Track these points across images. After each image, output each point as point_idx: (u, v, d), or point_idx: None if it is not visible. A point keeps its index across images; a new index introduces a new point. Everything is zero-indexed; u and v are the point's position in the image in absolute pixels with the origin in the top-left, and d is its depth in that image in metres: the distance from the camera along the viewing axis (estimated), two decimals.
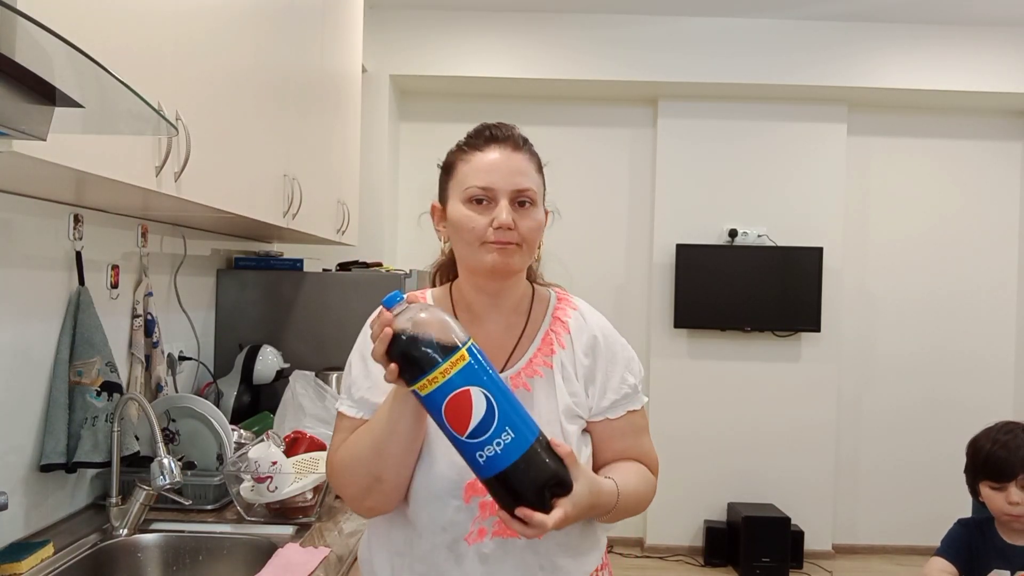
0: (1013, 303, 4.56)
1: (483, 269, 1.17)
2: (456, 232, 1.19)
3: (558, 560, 1.20)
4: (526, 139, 1.29)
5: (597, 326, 1.31)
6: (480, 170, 1.18)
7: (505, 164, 1.19)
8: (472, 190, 1.17)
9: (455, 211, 1.19)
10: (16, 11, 0.73)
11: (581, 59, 4.14)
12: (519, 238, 1.17)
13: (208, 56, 1.65)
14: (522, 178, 1.20)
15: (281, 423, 2.37)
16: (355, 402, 1.22)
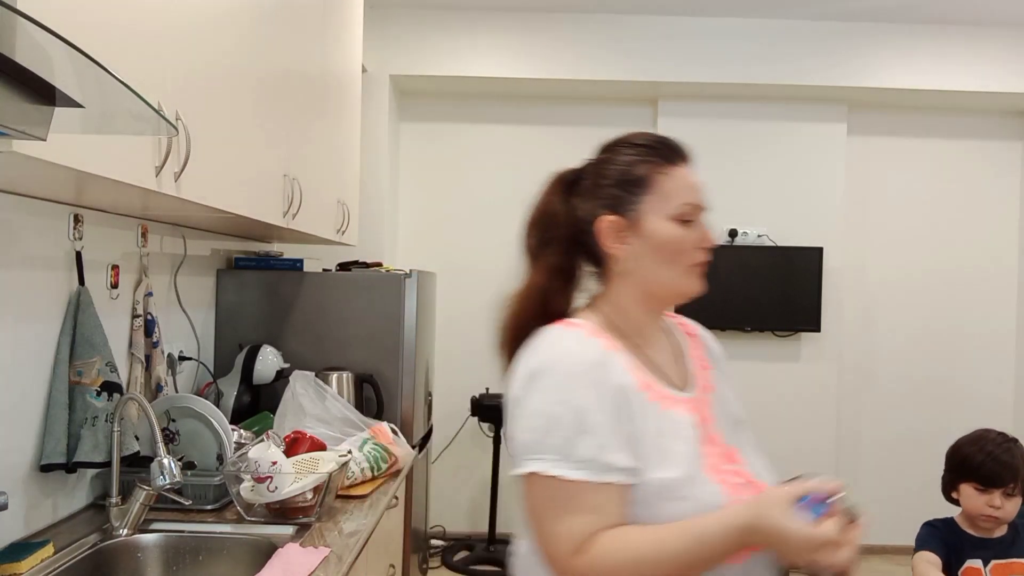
0: (1013, 303, 4.56)
1: (684, 293, 1.13)
2: (659, 252, 1.11)
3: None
4: None
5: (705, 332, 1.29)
6: (690, 187, 1.14)
7: (699, 183, 1.16)
8: (686, 208, 1.12)
9: (661, 229, 1.11)
10: (16, 11, 0.73)
11: (581, 59, 4.14)
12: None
13: (208, 56, 1.65)
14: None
15: (281, 423, 2.37)
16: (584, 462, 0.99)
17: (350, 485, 2.09)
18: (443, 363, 4.42)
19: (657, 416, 1.06)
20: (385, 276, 2.82)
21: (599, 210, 1.14)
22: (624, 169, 1.14)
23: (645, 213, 1.12)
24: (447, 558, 4.06)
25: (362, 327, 2.79)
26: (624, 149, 1.16)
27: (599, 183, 1.16)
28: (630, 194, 1.13)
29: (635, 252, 1.12)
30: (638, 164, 1.14)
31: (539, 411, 1.03)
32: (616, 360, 1.07)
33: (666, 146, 1.15)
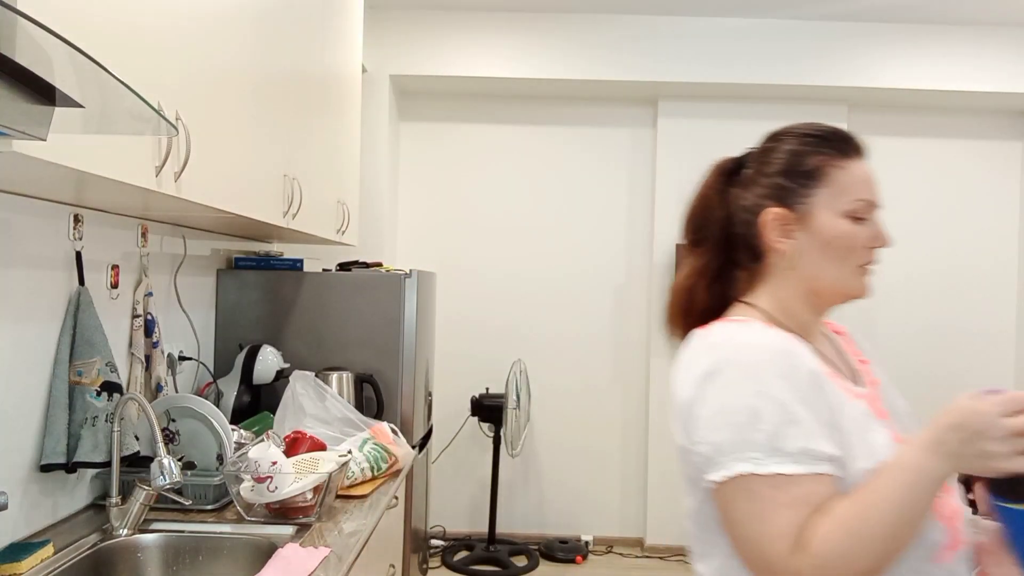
0: (1013, 302, 4.56)
1: (850, 293, 1.07)
2: (828, 248, 1.04)
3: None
4: None
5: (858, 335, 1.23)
6: (866, 182, 1.06)
7: (874, 178, 1.08)
8: (861, 204, 1.04)
9: (833, 225, 1.04)
10: (16, 11, 0.73)
11: (581, 59, 4.14)
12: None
13: (208, 56, 1.65)
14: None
15: (281, 423, 2.37)
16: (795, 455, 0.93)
17: (350, 485, 2.09)
18: (443, 363, 4.42)
19: (851, 406, 1.01)
20: (385, 276, 2.82)
21: (764, 201, 1.08)
22: (793, 160, 1.09)
23: (816, 207, 1.05)
24: (447, 558, 4.06)
25: (362, 327, 2.79)
26: (793, 139, 1.11)
27: (764, 172, 1.10)
28: (800, 186, 1.06)
29: (801, 248, 1.06)
30: (810, 155, 1.08)
31: (731, 407, 0.95)
32: (802, 347, 1.02)
33: (840, 138, 1.10)
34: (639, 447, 4.51)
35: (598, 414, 4.50)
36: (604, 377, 4.51)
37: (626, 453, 4.52)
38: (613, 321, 4.52)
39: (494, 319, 4.46)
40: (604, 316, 4.51)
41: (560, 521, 4.47)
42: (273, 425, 2.37)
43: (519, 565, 4.01)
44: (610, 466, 4.53)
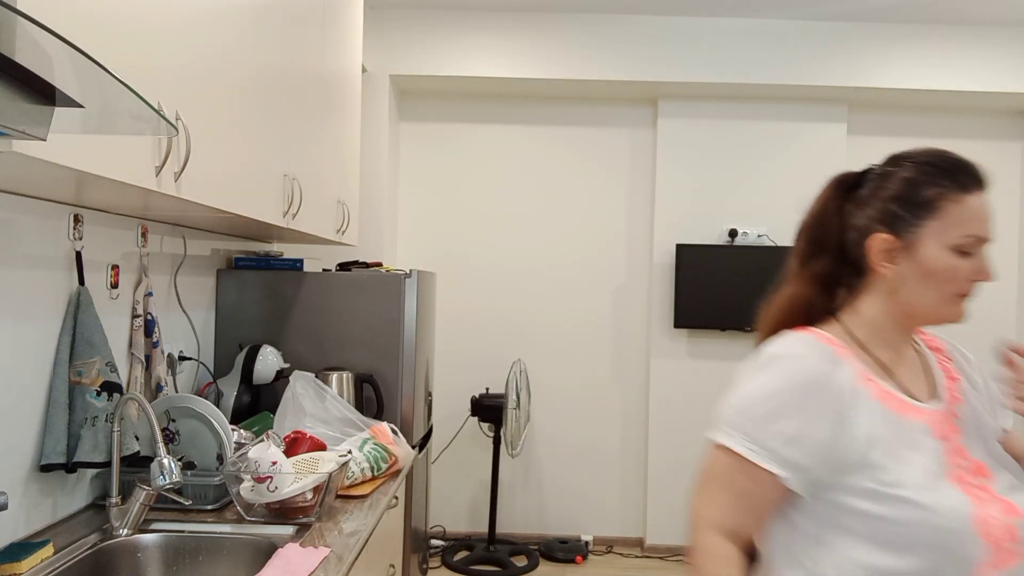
0: (1013, 302, 4.56)
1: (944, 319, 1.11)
2: (929, 279, 1.09)
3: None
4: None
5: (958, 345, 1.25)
6: (979, 218, 1.08)
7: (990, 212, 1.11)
8: (969, 240, 1.07)
9: (937, 257, 1.08)
10: (16, 11, 0.73)
11: (581, 59, 4.14)
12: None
13: (208, 56, 1.65)
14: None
15: (281, 423, 2.37)
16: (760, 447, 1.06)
17: (350, 485, 2.09)
18: (443, 363, 4.43)
19: (893, 423, 1.07)
20: (385, 276, 2.82)
21: (875, 224, 1.13)
22: (909, 188, 1.11)
23: (924, 238, 1.09)
24: (447, 558, 4.07)
25: (362, 327, 2.79)
26: (913, 166, 1.12)
27: (879, 195, 1.14)
28: (912, 215, 1.10)
29: (903, 274, 1.11)
30: (928, 186, 1.10)
31: (748, 395, 1.10)
32: (846, 367, 1.09)
33: (963, 171, 1.10)
34: (639, 447, 4.51)
35: (598, 414, 4.50)
36: (604, 377, 4.51)
37: (626, 453, 4.52)
38: (613, 321, 4.52)
39: (494, 319, 4.46)
40: (604, 316, 4.51)
41: (560, 521, 4.47)
42: (273, 425, 2.37)
43: (519, 565, 4.01)
44: (610, 466, 4.53)
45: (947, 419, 1.11)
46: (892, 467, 1.03)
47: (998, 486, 1.07)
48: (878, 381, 1.10)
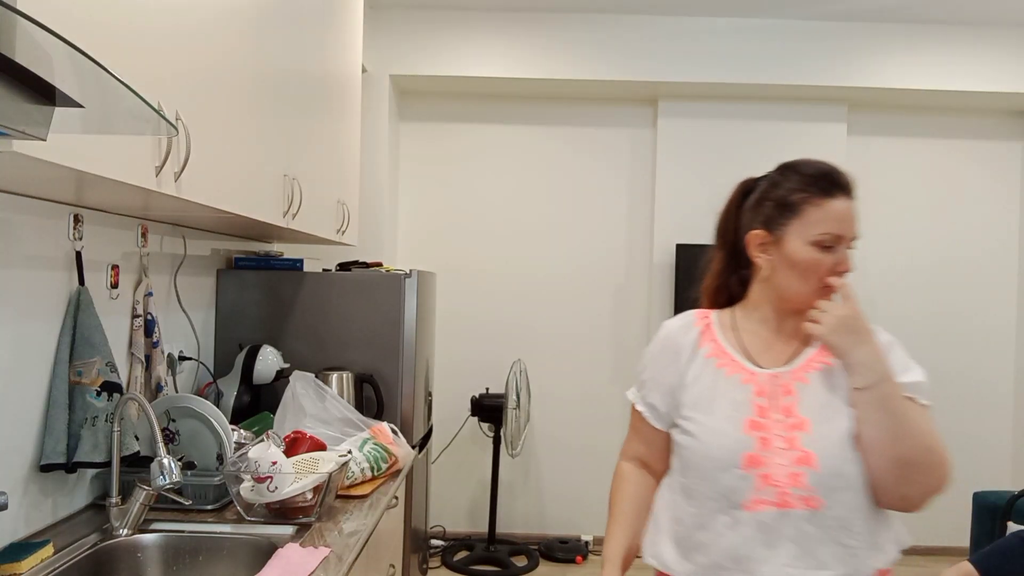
0: (1013, 303, 4.56)
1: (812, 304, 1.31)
2: (793, 268, 1.31)
3: (842, 539, 1.25)
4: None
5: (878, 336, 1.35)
6: (836, 219, 1.30)
7: (850, 215, 1.32)
8: (827, 237, 1.29)
9: (799, 250, 1.30)
10: (16, 11, 0.73)
11: (581, 59, 4.14)
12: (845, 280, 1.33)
13: (208, 56, 1.65)
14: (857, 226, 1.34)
15: (281, 423, 2.37)
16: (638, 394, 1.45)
17: (350, 485, 2.09)
18: (443, 363, 4.43)
19: (716, 376, 1.34)
20: (385, 276, 2.82)
21: (754, 223, 1.37)
22: (784, 194, 1.34)
23: (789, 234, 1.32)
24: (447, 558, 4.07)
25: (362, 327, 2.79)
26: (789, 174, 1.36)
27: (761, 199, 1.39)
28: (780, 215, 1.33)
29: (774, 264, 1.34)
30: (795, 191, 1.33)
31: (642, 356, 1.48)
32: (693, 331, 1.40)
33: (827, 179, 1.32)
34: None
35: (598, 414, 4.50)
36: (604, 377, 4.51)
37: None
38: (613, 321, 4.52)
39: (494, 319, 4.46)
40: (604, 316, 4.51)
41: (560, 521, 4.47)
42: (273, 425, 2.37)
43: (519, 565, 4.01)
44: (610, 466, 4.52)
45: (779, 381, 1.32)
46: (699, 407, 1.33)
47: (808, 439, 1.25)
48: (722, 345, 1.37)
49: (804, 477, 1.23)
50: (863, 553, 1.27)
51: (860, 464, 1.25)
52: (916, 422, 1.25)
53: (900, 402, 1.24)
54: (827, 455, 1.23)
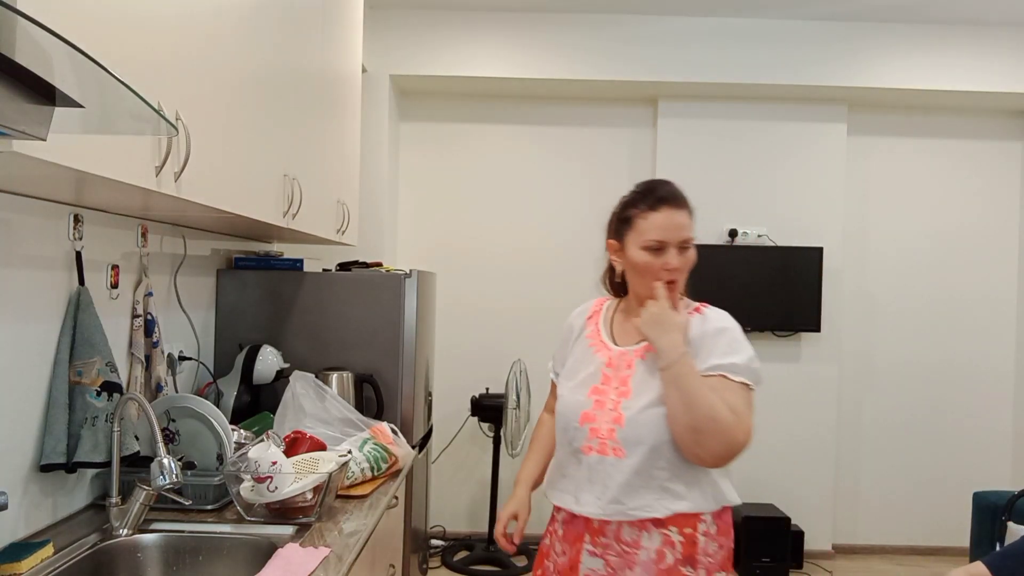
0: (1013, 303, 4.56)
1: (651, 296, 1.64)
2: (633, 268, 1.66)
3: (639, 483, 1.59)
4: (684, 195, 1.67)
5: (710, 324, 1.65)
6: (661, 227, 1.61)
7: (673, 223, 1.62)
8: (653, 243, 1.62)
9: (635, 255, 1.64)
10: (16, 11, 0.73)
11: (581, 59, 4.14)
12: (680, 275, 1.64)
13: (208, 56, 1.65)
14: (685, 231, 1.63)
15: (281, 423, 2.37)
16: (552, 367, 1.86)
17: (350, 485, 2.09)
18: (443, 363, 4.43)
19: (586, 351, 1.74)
20: (385, 276, 2.82)
21: (610, 234, 1.73)
22: (622, 210, 1.70)
23: (628, 242, 1.66)
24: (447, 558, 4.06)
25: (362, 327, 2.79)
26: (630, 194, 1.70)
27: (613, 216, 1.73)
28: (622, 226, 1.68)
29: (623, 266, 1.70)
30: (629, 207, 1.68)
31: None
32: (583, 316, 1.82)
33: (653, 194, 1.65)
34: None
35: None
36: None
37: None
38: None
39: (494, 319, 4.46)
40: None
41: None
42: (273, 425, 2.37)
43: (519, 565, 4.01)
44: None
45: (625, 358, 1.67)
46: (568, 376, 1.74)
47: (626, 405, 1.61)
48: (599, 327, 1.76)
49: (615, 433, 1.60)
50: (656, 496, 1.59)
51: (656, 427, 1.57)
52: (705, 397, 1.52)
53: (692, 380, 1.53)
54: (631, 418, 1.59)
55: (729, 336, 1.62)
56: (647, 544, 1.59)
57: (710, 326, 1.64)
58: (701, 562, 1.60)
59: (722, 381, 1.57)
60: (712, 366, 1.58)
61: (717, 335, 1.61)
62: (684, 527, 1.59)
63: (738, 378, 1.58)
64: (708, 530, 1.61)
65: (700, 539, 1.60)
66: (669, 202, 1.62)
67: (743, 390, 1.58)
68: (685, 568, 1.59)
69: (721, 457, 1.54)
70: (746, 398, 1.59)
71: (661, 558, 1.59)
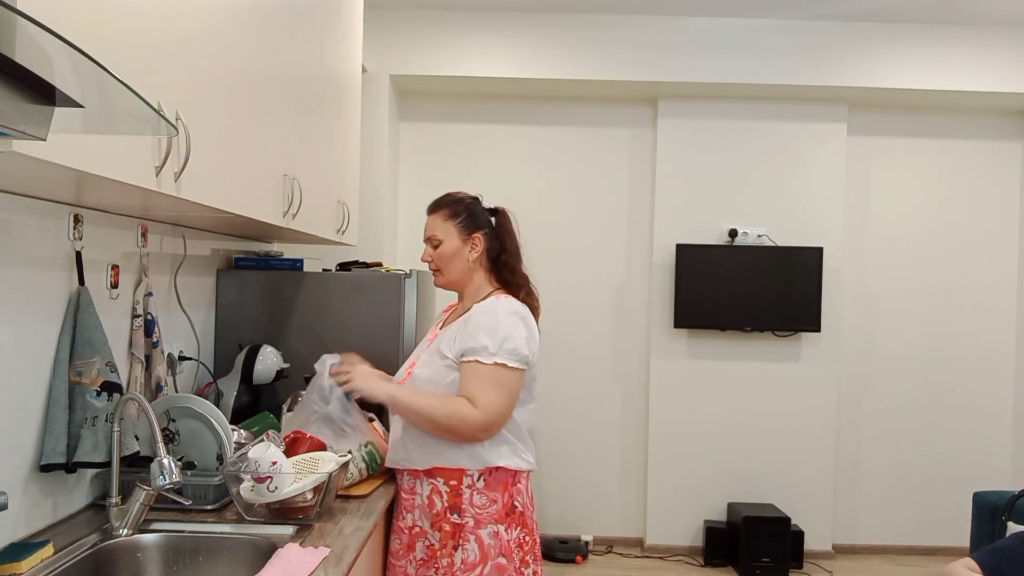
0: (1013, 303, 4.56)
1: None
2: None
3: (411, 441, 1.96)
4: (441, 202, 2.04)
5: (481, 308, 1.94)
6: (426, 228, 2.05)
7: (429, 225, 2.03)
8: (425, 240, 2.05)
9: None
10: (16, 11, 0.73)
11: (581, 59, 4.14)
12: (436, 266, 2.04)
13: (208, 56, 1.65)
14: (428, 231, 2.03)
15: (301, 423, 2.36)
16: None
17: (349, 485, 2.09)
18: None
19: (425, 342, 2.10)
20: (385, 276, 2.81)
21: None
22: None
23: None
24: None
25: (362, 327, 2.79)
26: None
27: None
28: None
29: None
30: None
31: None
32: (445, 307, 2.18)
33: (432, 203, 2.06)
34: (639, 447, 4.51)
35: (598, 414, 4.50)
36: (604, 377, 4.51)
37: (626, 453, 4.52)
38: (613, 321, 4.52)
39: None
40: (604, 316, 4.52)
41: (560, 521, 4.47)
42: (280, 427, 2.37)
43: None
44: (610, 466, 4.53)
45: (431, 340, 2.03)
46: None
47: (414, 374, 1.99)
48: (443, 317, 2.13)
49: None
50: (422, 451, 1.92)
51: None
52: (432, 410, 1.85)
53: (413, 403, 1.88)
54: (410, 384, 1.97)
55: (489, 319, 1.89)
56: (420, 491, 1.93)
57: (477, 310, 1.93)
58: (467, 511, 1.87)
59: (475, 366, 1.85)
60: (466, 350, 1.87)
61: (480, 317, 1.90)
62: (449, 479, 1.89)
63: (490, 360, 1.85)
64: (474, 484, 1.88)
65: (465, 491, 1.88)
66: (430, 210, 2.03)
67: (495, 371, 1.84)
68: (452, 515, 1.87)
69: (471, 438, 1.86)
70: (496, 378, 1.84)
71: (432, 504, 1.90)
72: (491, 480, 1.90)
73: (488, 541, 1.87)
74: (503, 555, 1.88)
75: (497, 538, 1.88)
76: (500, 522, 1.89)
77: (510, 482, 1.92)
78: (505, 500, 1.90)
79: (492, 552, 1.87)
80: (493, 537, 1.88)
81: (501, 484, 1.90)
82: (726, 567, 4.23)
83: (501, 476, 1.90)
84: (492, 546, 1.87)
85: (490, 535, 1.88)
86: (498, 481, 1.90)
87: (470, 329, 1.89)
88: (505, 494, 1.90)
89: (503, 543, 1.89)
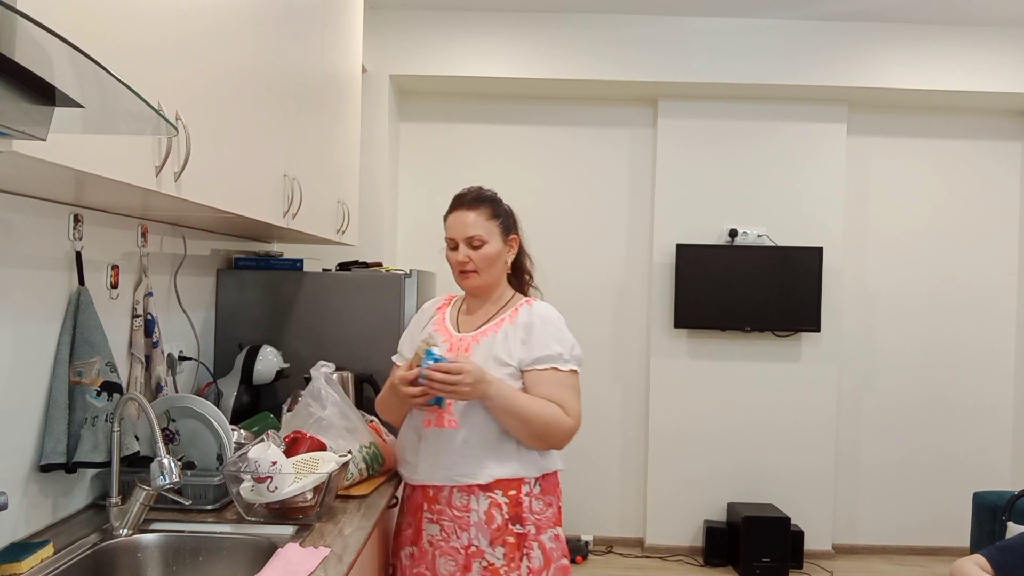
0: (1013, 303, 4.56)
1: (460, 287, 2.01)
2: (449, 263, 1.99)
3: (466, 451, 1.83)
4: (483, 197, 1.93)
5: (537, 315, 1.92)
6: (453, 227, 1.92)
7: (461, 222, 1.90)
8: (450, 241, 1.93)
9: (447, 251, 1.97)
10: (16, 11, 0.73)
11: (581, 59, 4.14)
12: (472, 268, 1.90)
13: (208, 56, 1.65)
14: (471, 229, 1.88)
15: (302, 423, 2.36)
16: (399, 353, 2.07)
17: (349, 485, 2.09)
18: None
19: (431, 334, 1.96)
20: (385, 276, 2.82)
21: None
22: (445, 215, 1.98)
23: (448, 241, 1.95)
24: None
25: (362, 327, 2.79)
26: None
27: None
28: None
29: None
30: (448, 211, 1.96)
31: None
32: (435, 306, 2.07)
33: (455, 199, 1.94)
34: (639, 447, 4.51)
35: (598, 414, 4.50)
36: (604, 377, 4.51)
37: (626, 453, 4.52)
38: (613, 321, 4.52)
39: None
40: (604, 316, 4.51)
41: None
42: (280, 427, 2.37)
43: None
44: (610, 466, 4.53)
45: (465, 342, 1.90)
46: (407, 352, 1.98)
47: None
48: (446, 316, 2.00)
49: (452, 406, 1.82)
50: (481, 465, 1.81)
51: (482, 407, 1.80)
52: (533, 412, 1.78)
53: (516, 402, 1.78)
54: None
55: (553, 327, 1.89)
56: (476, 507, 1.82)
57: (536, 317, 1.90)
58: (528, 519, 1.83)
59: (554, 373, 1.84)
60: (540, 358, 1.84)
61: (544, 324, 1.88)
62: (508, 490, 1.82)
63: (567, 367, 1.85)
64: (532, 491, 1.85)
65: (524, 500, 1.83)
66: (464, 204, 1.89)
67: (571, 377, 1.86)
68: (514, 526, 1.82)
69: (557, 445, 1.85)
70: (574, 384, 1.87)
71: (491, 519, 1.82)
72: (545, 484, 1.89)
73: (550, 545, 1.87)
74: (564, 556, 1.91)
75: (557, 540, 1.89)
76: (557, 524, 1.91)
77: (556, 484, 1.94)
78: (556, 502, 1.92)
79: (555, 555, 1.88)
80: (554, 540, 1.88)
81: (552, 487, 1.91)
82: (726, 567, 4.23)
83: (551, 479, 1.92)
84: (554, 549, 1.88)
85: (551, 539, 1.88)
86: (550, 484, 1.91)
87: (538, 337, 1.87)
88: (554, 496, 1.92)
89: (562, 544, 1.91)
